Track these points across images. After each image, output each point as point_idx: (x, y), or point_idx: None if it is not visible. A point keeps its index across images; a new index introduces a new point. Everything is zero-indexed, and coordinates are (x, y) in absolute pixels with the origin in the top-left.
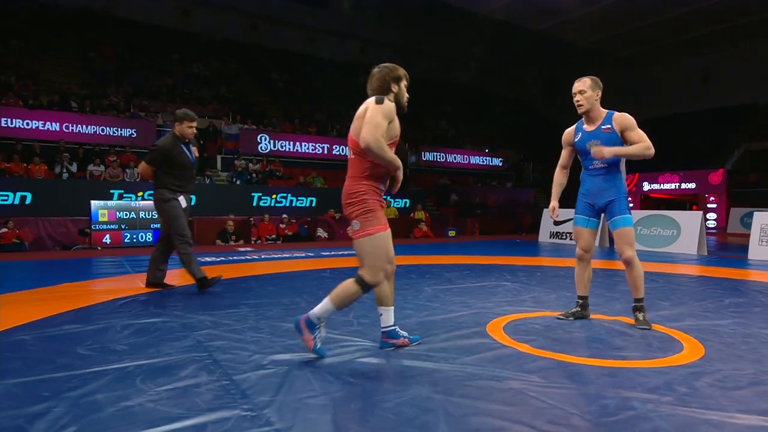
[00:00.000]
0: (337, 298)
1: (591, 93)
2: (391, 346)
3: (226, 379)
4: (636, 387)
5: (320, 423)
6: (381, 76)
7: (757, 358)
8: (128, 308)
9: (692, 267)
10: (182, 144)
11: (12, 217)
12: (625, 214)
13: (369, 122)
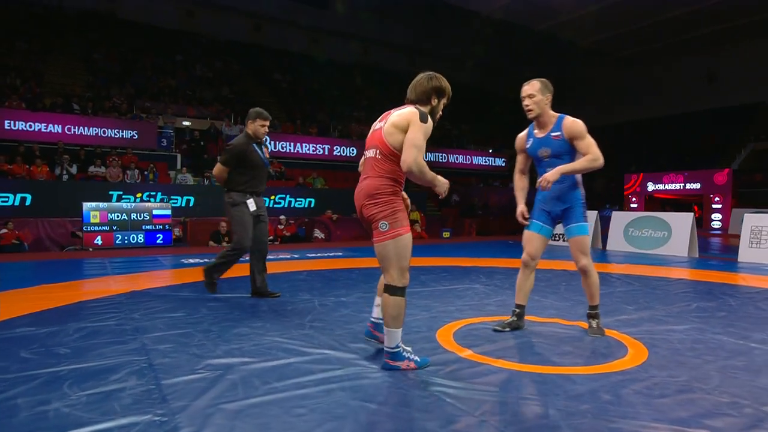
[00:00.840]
0: (391, 319)
1: (541, 97)
2: (375, 338)
3: (154, 383)
4: (560, 394)
5: (225, 429)
6: (427, 86)
7: (696, 365)
8: (90, 310)
9: (676, 270)
10: (254, 143)
11: (12, 218)
12: (580, 222)
13: (412, 144)
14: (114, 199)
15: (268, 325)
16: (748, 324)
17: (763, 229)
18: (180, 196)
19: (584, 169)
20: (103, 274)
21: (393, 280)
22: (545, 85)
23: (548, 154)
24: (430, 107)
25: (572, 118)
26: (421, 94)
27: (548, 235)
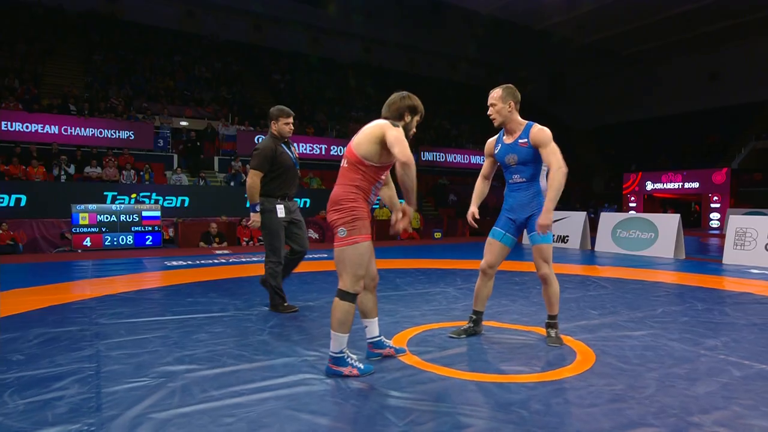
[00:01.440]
0: (338, 324)
1: (502, 105)
2: (377, 356)
3: (94, 392)
4: (491, 404)
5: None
6: (401, 104)
7: (638, 373)
8: (58, 315)
9: (656, 272)
10: (282, 143)
11: (7, 219)
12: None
13: (399, 141)
14: (108, 200)
15: (228, 330)
16: (706, 330)
17: (747, 230)
18: (175, 197)
19: (558, 190)
20: (83, 277)
21: (345, 286)
22: (508, 93)
23: (515, 161)
24: (403, 123)
25: (540, 126)
26: (395, 111)
27: (510, 244)
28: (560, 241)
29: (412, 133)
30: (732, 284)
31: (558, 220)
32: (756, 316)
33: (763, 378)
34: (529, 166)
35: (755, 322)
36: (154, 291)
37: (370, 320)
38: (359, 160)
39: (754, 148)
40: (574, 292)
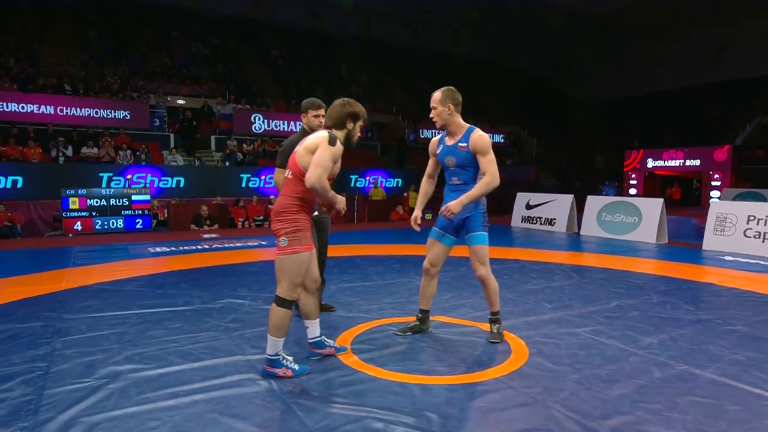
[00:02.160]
0: (274, 329)
1: (442, 108)
2: (317, 356)
3: (37, 393)
4: (403, 407)
5: None
6: (341, 112)
7: (561, 374)
8: (26, 309)
9: (630, 259)
10: None
11: (4, 201)
12: (479, 231)
13: (317, 164)
14: (104, 181)
15: (186, 326)
16: (650, 326)
17: (727, 216)
18: (170, 177)
19: (483, 193)
20: (65, 265)
21: (283, 293)
22: (447, 96)
23: (454, 164)
24: (346, 131)
25: (480, 132)
26: (337, 119)
27: (449, 244)
28: (547, 224)
29: (357, 138)
30: (698, 273)
31: (545, 203)
32: (707, 310)
33: (680, 380)
34: (468, 169)
35: (702, 317)
36: (128, 282)
37: (312, 321)
38: (302, 172)
39: (759, 124)
40: (537, 283)
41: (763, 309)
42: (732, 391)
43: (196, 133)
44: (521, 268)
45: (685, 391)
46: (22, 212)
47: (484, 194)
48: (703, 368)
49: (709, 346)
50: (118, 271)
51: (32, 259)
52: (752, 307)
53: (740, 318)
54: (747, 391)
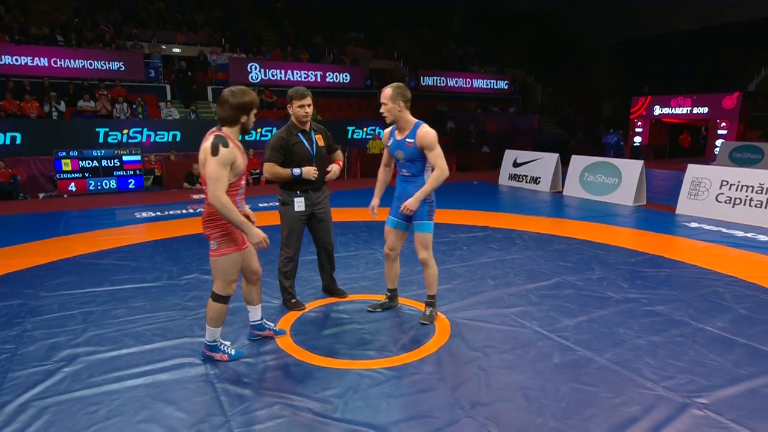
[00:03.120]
0: (211, 320)
1: (392, 105)
2: (256, 337)
3: (1, 376)
4: (315, 392)
5: (21, 426)
6: (233, 102)
7: (469, 360)
8: (7, 286)
9: (595, 227)
10: (299, 132)
11: (4, 158)
12: (424, 220)
13: (209, 179)
14: (101, 136)
15: (147, 304)
16: (577, 306)
17: (702, 180)
18: (166, 131)
19: (435, 187)
20: (52, 234)
21: (218, 290)
22: (397, 93)
23: (402, 157)
24: (240, 125)
25: (426, 128)
26: (229, 114)
27: (404, 229)
28: (533, 183)
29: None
30: (655, 244)
31: (532, 161)
32: (639, 288)
33: (574, 366)
34: (416, 163)
35: (630, 297)
36: (107, 254)
37: (253, 307)
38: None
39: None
40: (493, 255)
41: (695, 286)
42: (613, 378)
43: (192, 84)
44: (485, 237)
45: (571, 378)
46: (24, 168)
47: (436, 188)
48: (601, 353)
49: (620, 329)
50: (101, 240)
51: (24, 226)
52: (687, 284)
53: (667, 298)
54: (628, 378)
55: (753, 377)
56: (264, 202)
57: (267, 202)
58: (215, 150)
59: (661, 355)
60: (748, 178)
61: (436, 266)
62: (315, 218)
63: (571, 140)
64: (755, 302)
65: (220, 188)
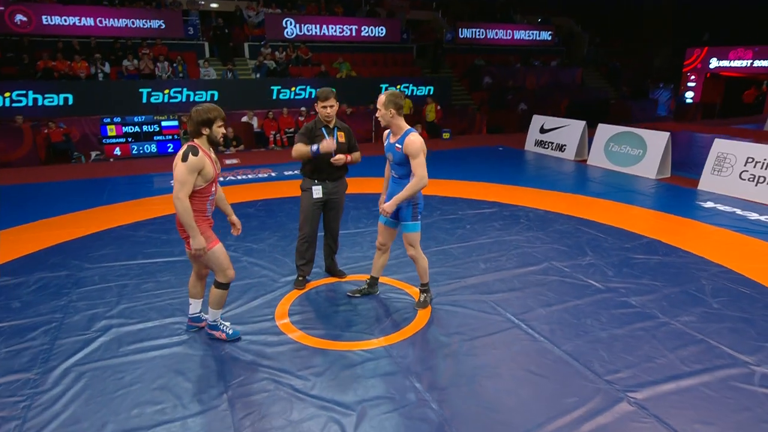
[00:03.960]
0: (213, 303)
1: (384, 111)
2: (194, 329)
3: (50, 343)
4: (300, 369)
5: (65, 388)
6: (196, 119)
7: (438, 346)
8: (56, 256)
9: (607, 204)
10: (323, 127)
11: (58, 118)
12: (407, 221)
13: (175, 180)
14: (144, 97)
15: (172, 279)
16: (555, 295)
17: (728, 156)
18: (204, 91)
19: (411, 194)
20: (96, 203)
21: (218, 278)
22: (390, 101)
23: (392, 159)
24: (204, 136)
25: (413, 137)
26: (193, 128)
27: (393, 226)
28: (558, 150)
29: (221, 137)
30: (658, 227)
31: (558, 128)
32: (621, 278)
33: (533, 355)
34: (403, 166)
35: (611, 287)
36: (143, 225)
37: (195, 300)
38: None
39: None
40: (492, 236)
41: (679, 276)
42: (563, 369)
43: (229, 41)
44: (492, 215)
45: (524, 367)
46: (76, 128)
47: (412, 194)
48: (560, 345)
49: (587, 321)
50: (138, 211)
51: (75, 193)
52: (672, 274)
53: (645, 289)
54: (576, 370)
55: (695, 375)
56: (289, 170)
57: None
58: (185, 157)
59: (615, 349)
60: None
61: (425, 258)
62: (328, 206)
63: (612, 98)
64: (733, 296)
65: (184, 191)
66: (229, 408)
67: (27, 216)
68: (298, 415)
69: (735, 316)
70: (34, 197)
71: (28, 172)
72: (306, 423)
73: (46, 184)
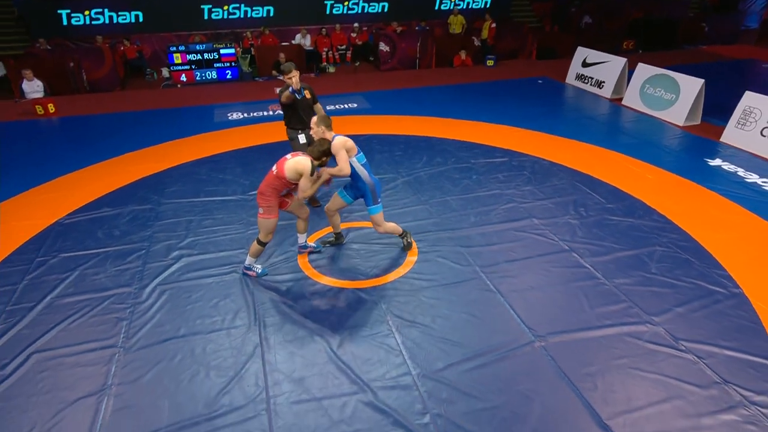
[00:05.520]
0: (251, 252)
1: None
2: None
3: (143, 266)
4: (303, 302)
5: (155, 299)
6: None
7: (414, 289)
8: (141, 190)
9: (617, 159)
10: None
11: (132, 35)
12: (370, 206)
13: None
14: (205, 12)
15: (225, 217)
16: (522, 251)
17: (754, 110)
18: (261, 6)
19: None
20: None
21: (260, 237)
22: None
23: None
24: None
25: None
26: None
27: (347, 201)
28: (596, 86)
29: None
30: (649, 186)
31: (599, 63)
32: (587, 238)
33: (481, 302)
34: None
35: (574, 246)
36: (203, 163)
37: (300, 234)
38: (282, 177)
39: None
40: (492, 189)
41: (639, 241)
42: (499, 315)
43: None
44: (500, 165)
45: (470, 311)
46: (147, 45)
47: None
48: (506, 295)
49: (537, 277)
50: (202, 148)
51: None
52: (634, 238)
53: (600, 251)
54: (510, 317)
55: (601, 328)
56: (330, 105)
57: (333, 105)
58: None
59: (548, 303)
60: None
61: (390, 224)
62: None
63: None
64: (675, 264)
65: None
66: (257, 325)
67: (118, 148)
68: (302, 334)
69: (665, 281)
70: (118, 130)
71: (112, 99)
72: (305, 339)
73: (129, 114)
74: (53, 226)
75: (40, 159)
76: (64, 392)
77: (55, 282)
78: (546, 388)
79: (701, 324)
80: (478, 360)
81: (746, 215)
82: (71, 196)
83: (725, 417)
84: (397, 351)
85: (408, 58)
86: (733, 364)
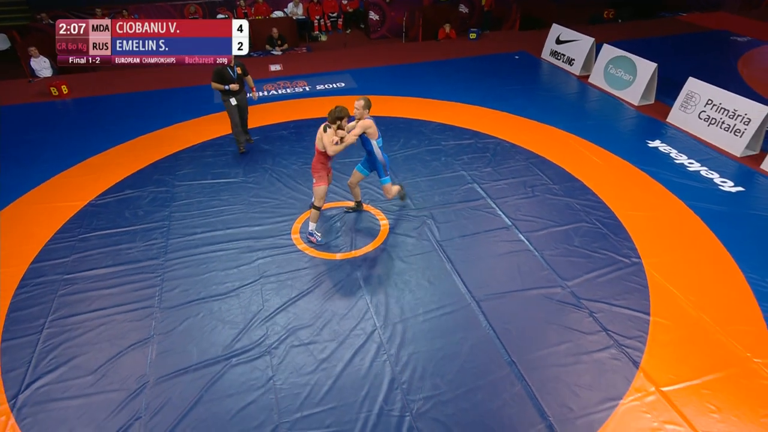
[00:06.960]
0: (312, 218)
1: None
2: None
3: (165, 240)
4: (302, 271)
5: (175, 270)
6: (332, 115)
7: (386, 257)
8: (159, 172)
9: (570, 140)
10: (227, 67)
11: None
12: (382, 176)
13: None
14: None
15: (229, 198)
16: (473, 225)
17: (695, 95)
18: None
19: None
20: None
21: (315, 202)
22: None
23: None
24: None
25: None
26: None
27: (364, 174)
28: (567, 63)
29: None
30: (593, 169)
31: (571, 41)
32: (528, 215)
33: (434, 268)
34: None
35: (516, 220)
36: (208, 146)
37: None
38: (318, 151)
39: None
40: (456, 169)
41: (568, 219)
42: (446, 280)
43: None
44: (468, 146)
45: (426, 277)
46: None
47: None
48: (455, 264)
49: (482, 249)
50: (205, 130)
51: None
52: (564, 217)
53: (537, 226)
54: (454, 283)
55: (525, 290)
56: (321, 84)
57: (324, 85)
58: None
59: (487, 270)
60: (728, 102)
61: (396, 188)
62: (239, 108)
63: None
64: (595, 238)
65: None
66: (260, 289)
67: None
68: (295, 296)
69: (583, 252)
70: (130, 112)
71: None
72: (297, 300)
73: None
74: (87, 207)
75: (66, 142)
76: (121, 340)
77: (97, 256)
78: (475, 336)
79: (601, 287)
80: (427, 315)
81: (665, 195)
82: (98, 179)
83: (599, 355)
84: (366, 309)
85: (397, 26)
86: (616, 317)
